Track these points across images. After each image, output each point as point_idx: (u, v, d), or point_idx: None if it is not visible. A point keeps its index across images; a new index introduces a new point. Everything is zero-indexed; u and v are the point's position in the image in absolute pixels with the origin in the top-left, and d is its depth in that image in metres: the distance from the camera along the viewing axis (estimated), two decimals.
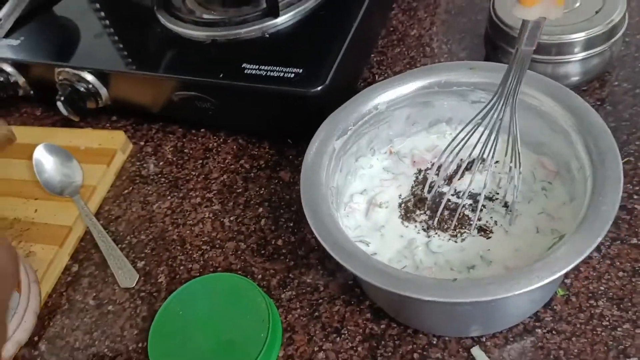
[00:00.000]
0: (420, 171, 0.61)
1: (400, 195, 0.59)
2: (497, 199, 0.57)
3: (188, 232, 0.68)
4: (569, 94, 0.55)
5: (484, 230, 0.55)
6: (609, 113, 0.67)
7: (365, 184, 0.61)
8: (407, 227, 0.57)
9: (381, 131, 0.61)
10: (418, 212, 0.58)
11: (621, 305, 0.53)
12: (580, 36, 0.66)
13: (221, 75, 0.67)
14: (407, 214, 0.58)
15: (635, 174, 0.61)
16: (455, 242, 0.55)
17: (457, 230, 0.56)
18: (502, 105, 0.50)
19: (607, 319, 0.53)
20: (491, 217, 0.56)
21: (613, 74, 0.71)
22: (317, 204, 0.51)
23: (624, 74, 0.70)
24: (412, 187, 0.60)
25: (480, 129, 0.53)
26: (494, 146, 0.53)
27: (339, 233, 0.49)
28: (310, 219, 0.50)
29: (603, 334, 0.52)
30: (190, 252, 0.66)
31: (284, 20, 0.71)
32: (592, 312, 0.53)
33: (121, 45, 0.77)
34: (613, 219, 0.45)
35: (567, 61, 0.68)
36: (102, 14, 0.83)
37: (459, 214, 0.56)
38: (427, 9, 0.87)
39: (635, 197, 0.60)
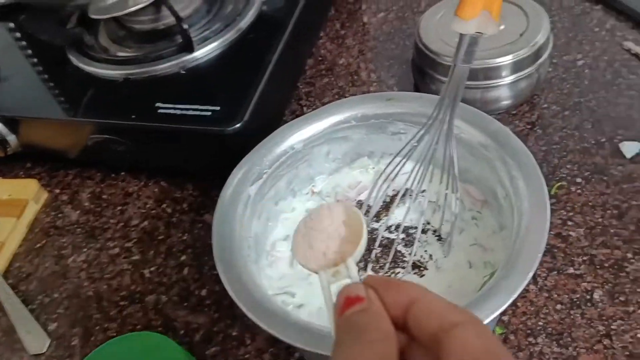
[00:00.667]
0: None
1: None
2: (429, 229, 0.54)
3: (105, 287, 0.63)
4: (487, 119, 0.53)
5: (418, 267, 0.52)
6: (539, 137, 0.65)
7: (288, 229, 0.57)
8: None
9: (300, 171, 0.57)
10: None
11: (560, 341, 0.50)
12: (507, 59, 0.64)
13: (133, 117, 0.62)
14: None
15: (569, 199, 0.59)
16: None
17: (391, 271, 0.52)
18: (438, 128, 0.48)
19: (547, 356, 0.50)
20: (425, 251, 0.53)
21: (542, 96, 0.69)
22: (232, 258, 0.47)
23: (553, 96, 0.69)
24: None
25: (410, 160, 0.51)
26: (425, 174, 0.51)
27: (256, 289, 0.45)
28: (223, 275, 0.46)
29: None
30: (107, 309, 0.61)
31: (201, 54, 0.67)
32: (531, 350, 0.50)
33: (29, 89, 0.72)
34: (542, 251, 0.42)
35: (495, 85, 0.67)
36: (9, 56, 0.78)
37: (394, 251, 0.52)
38: (355, 36, 0.84)
39: (569, 223, 0.58)
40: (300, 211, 0.58)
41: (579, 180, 0.61)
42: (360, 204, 0.57)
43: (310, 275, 0.53)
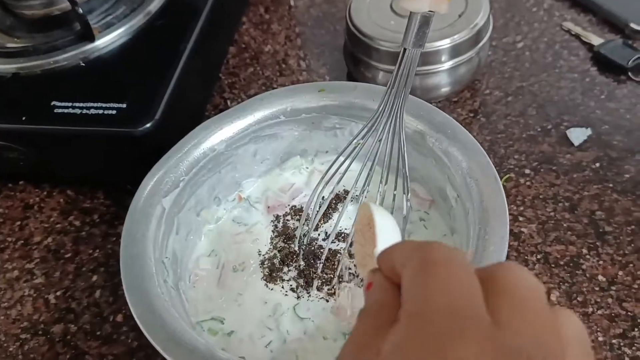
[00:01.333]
0: (277, 217, 0.51)
1: (260, 251, 0.49)
2: None
3: (2, 317, 0.54)
4: (432, 110, 0.48)
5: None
6: (483, 125, 0.61)
7: (213, 243, 0.50)
8: (272, 289, 0.47)
9: (224, 175, 0.51)
10: (286, 269, 0.48)
11: None
12: (445, 43, 0.60)
13: (24, 118, 0.53)
14: (272, 274, 0.48)
15: (519, 192, 0.55)
16: (327, 301, 0.46)
17: (334, 286, 0.46)
18: (388, 120, 0.43)
19: None
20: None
21: (483, 81, 0.65)
22: (144, 286, 0.40)
23: (494, 80, 0.65)
24: (272, 239, 0.50)
25: (352, 160, 0.45)
26: (370, 174, 0.45)
27: (174, 322, 0.38)
28: (135, 309, 0.38)
29: None
30: (6, 344, 0.52)
31: (103, 43, 0.58)
32: None
33: None
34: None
35: (434, 71, 0.62)
36: None
37: (340, 264, 0.46)
38: (280, 21, 0.77)
39: (520, 219, 0.54)
40: (226, 222, 0.51)
41: (527, 171, 0.57)
42: (293, 210, 0.51)
43: (240, 294, 0.46)
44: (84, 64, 0.57)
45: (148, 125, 0.51)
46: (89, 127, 0.52)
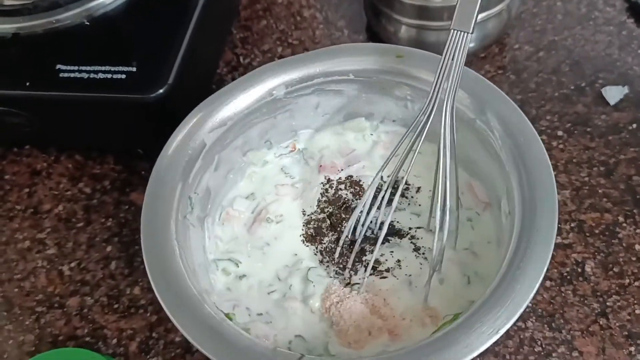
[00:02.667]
0: (329, 181, 0.49)
1: (304, 211, 0.48)
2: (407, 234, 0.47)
3: (16, 290, 0.53)
4: (511, 108, 0.44)
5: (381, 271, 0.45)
6: (513, 83, 0.58)
7: (255, 186, 0.49)
8: (307, 246, 0.46)
9: (280, 121, 0.49)
10: (331, 238, 0.47)
11: (552, 324, 0.45)
12: None
13: (28, 84, 0.50)
14: (315, 236, 0.47)
15: (551, 156, 0.51)
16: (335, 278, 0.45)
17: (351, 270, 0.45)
18: (432, 107, 0.40)
19: (538, 342, 0.44)
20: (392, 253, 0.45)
21: (512, 35, 0.61)
22: (162, 239, 0.40)
23: (524, 34, 0.61)
24: (319, 202, 0.48)
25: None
26: (411, 163, 0.42)
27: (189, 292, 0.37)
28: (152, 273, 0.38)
29: None
30: (21, 318, 0.51)
31: None
32: (521, 336, 0.45)
33: None
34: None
35: None
36: None
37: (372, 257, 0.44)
38: None
39: None
40: (273, 168, 0.50)
41: (560, 133, 0.54)
42: (349, 180, 0.49)
43: (268, 244, 0.47)
44: (88, 23, 0.54)
45: (161, 91, 0.48)
46: (97, 94, 0.49)
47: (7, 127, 0.55)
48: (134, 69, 0.49)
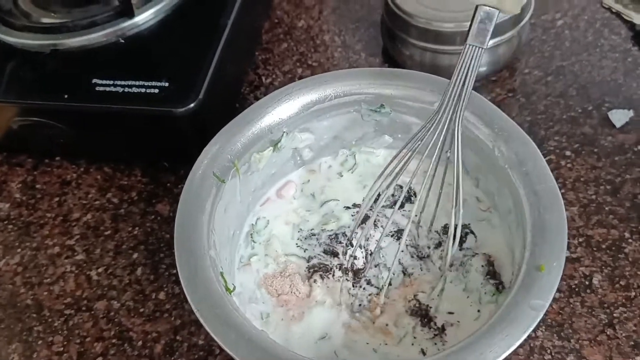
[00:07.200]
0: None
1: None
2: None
3: (46, 293, 0.55)
4: (515, 131, 0.45)
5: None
6: (523, 106, 0.60)
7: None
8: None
9: None
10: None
11: (562, 333, 0.47)
12: None
13: (66, 96, 0.53)
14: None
15: (560, 175, 0.55)
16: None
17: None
18: (445, 120, 0.41)
19: (548, 351, 0.46)
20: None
21: (522, 61, 0.64)
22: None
23: (534, 60, 0.64)
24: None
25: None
26: (431, 177, 0.44)
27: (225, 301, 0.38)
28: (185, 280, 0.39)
29: None
30: (50, 319, 0.53)
31: (143, 20, 0.58)
32: (531, 344, 0.47)
33: None
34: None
35: None
36: None
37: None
38: None
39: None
40: None
41: (568, 153, 0.56)
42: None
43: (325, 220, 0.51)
44: (122, 41, 0.57)
45: (192, 105, 0.51)
46: (132, 106, 0.52)
47: (43, 137, 0.58)
48: (167, 84, 0.52)
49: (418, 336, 0.43)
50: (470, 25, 0.38)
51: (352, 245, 0.47)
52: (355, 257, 0.47)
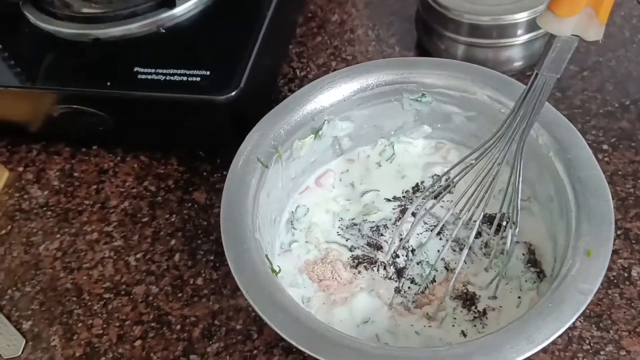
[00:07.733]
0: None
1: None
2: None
3: (85, 277, 0.55)
4: (556, 117, 0.46)
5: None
6: (559, 100, 0.60)
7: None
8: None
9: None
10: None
11: (600, 324, 0.47)
12: (523, 17, 0.59)
13: (109, 84, 0.54)
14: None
15: None
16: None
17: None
18: (507, 142, 0.40)
19: (586, 341, 0.46)
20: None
21: None
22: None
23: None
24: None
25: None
26: (486, 199, 0.43)
27: (273, 283, 0.39)
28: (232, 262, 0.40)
29: None
30: (90, 303, 0.54)
31: (183, 10, 0.58)
32: (569, 334, 0.47)
33: None
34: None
35: (509, 45, 0.61)
36: None
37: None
38: None
39: None
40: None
41: (605, 147, 0.56)
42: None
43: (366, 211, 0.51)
44: (163, 31, 0.58)
45: (233, 93, 0.51)
46: (174, 94, 0.52)
47: (82, 126, 0.59)
48: (208, 73, 0.53)
49: (458, 317, 0.43)
50: (546, 55, 0.35)
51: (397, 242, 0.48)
52: (397, 256, 0.48)
